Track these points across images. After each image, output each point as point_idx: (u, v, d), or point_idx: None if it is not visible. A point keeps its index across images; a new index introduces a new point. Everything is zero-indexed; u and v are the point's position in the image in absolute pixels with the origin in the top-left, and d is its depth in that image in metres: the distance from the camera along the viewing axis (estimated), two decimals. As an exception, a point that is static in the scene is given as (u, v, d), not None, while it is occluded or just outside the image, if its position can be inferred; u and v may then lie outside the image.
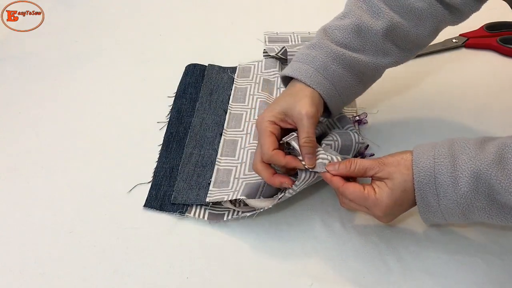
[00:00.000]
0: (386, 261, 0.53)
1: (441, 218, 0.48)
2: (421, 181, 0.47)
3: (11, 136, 0.68)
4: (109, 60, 0.80)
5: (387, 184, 0.48)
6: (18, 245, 0.55)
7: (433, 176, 0.46)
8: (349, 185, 0.50)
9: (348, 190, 0.49)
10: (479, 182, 0.44)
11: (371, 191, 0.49)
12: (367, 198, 0.48)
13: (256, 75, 0.73)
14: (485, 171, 0.44)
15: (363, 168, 0.50)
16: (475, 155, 0.45)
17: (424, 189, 0.47)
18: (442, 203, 0.46)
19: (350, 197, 0.49)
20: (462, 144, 0.46)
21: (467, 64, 0.77)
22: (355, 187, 0.49)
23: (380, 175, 0.49)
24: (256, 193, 0.55)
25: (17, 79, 0.77)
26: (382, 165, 0.49)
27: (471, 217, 0.47)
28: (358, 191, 0.49)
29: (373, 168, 0.49)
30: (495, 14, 0.83)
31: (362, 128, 0.66)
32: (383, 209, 0.48)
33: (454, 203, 0.46)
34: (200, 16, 0.89)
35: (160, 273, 0.52)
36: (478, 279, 0.51)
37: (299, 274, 0.52)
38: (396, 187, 0.48)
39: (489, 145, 0.45)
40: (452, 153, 0.46)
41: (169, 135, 0.66)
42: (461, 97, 0.71)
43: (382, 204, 0.48)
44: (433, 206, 0.47)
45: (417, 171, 0.47)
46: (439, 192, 0.46)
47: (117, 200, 0.59)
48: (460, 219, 0.47)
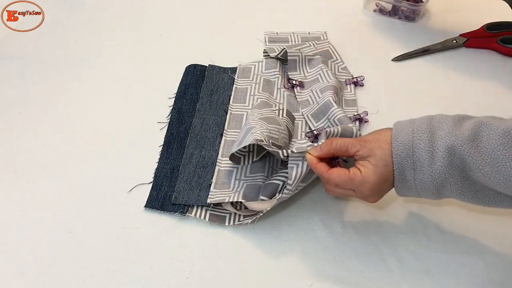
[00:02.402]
0: (386, 261, 0.53)
1: (415, 193, 0.49)
2: (399, 154, 0.47)
3: (11, 136, 0.68)
4: (109, 60, 0.80)
5: (370, 162, 0.49)
6: (18, 245, 0.55)
7: (411, 150, 0.47)
8: (333, 170, 0.50)
9: (333, 174, 0.50)
10: (453, 157, 0.45)
11: (357, 171, 0.49)
12: (353, 179, 0.49)
13: (257, 75, 0.73)
14: (459, 147, 0.44)
15: (344, 146, 0.50)
16: (451, 131, 0.45)
17: (402, 162, 0.47)
18: (417, 177, 0.47)
19: (336, 181, 0.50)
20: (440, 120, 0.47)
21: (467, 64, 0.77)
22: (340, 170, 0.50)
23: (361, 153, 0.49)
24: (257, 195, 0.56)
25: (17, 79, 0.77)
26: (363, 142, 0.50)
27: (444, 193, 0.47)
28: (343, 173, 0.49)
29: (354, 145, 0.50)
30: (495, 14, 0.83)
31: (363, 127, 0.66)
32: (370, 187, 0.49)
33: (429, 178, 0.46)
34: (200, 16, 0.89)
35: (160, 273, 0.52)
36: (478, 279, 0.51)
37: (299, 274, 0.52)
38: (378, 163, 0.48)
39: (466, 122, 0.46)
40: (431, 128, 0.47)
41: (170, 136, 0.66)
42: (461, 97, 0.71)
43: (369, 181, 0.48)
44: (409, 180, 0.48)
45: (396, 145, 0.47)
46: (416, 167, 0.47)
47: (117, 200, 0.59)
48: (433, 195, 0.48)
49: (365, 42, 0.82)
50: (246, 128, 0.59)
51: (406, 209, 0.58)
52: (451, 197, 0.48)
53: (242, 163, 0.61)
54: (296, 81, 0.72)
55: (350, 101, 0.70)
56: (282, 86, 0.71)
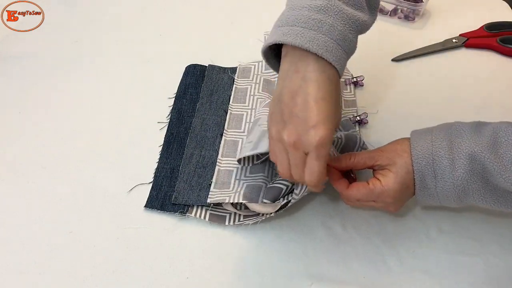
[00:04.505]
0: (386, 261, 0.53)
1: (437, 201, 0.49)
2: (419, 163, 0.47)
3: (11, 136, 0.68)
4: (109, 60, 0.80)
5: (390, 170, 0.48)
6: (18, 245, 0.55)
7: (431, 158, 0.47)
8: (352, 187, 0.50)
9: (353, 191, 0.49)
10: (474, 164, 0.45)
11: (376, 181, 0.49)
12: (373, 190, 0.48)
13: (257, 75, 0.73)
14: (479, 153, 0.45)
15: (363, 159, 0.50)
16: (470, 138, 0.46)
17: (422, 171, 0.47)
18: (439, 185, 0.47)
19: (357, 197, 0.49)
20: (458, 127, 0.48)
21: (467, 64, 0.77)
22: (359, 185, 0.49)
23: (380, 163, 0.49)
24: (257, 195, 0.56)
25: (17, 79, 0.77)
26: (380, 152, 0.50)
27: (466, 200, 0.47)
28: (362, 187, 0.49)
29: (373, 157, 0.50)
30: (495, 14, 0.83)
31: (363, 128, 0.66)
32: (392, 195, 0.48)
33: (451, 186, 0.46)
34: (200, 16, 0.89)
35: (160, 273, 0.52)
36: (478, 279, 0.51)
37: (299, 274, 0.52)
38: (399, 170, 0.48)
39: (484, 129, 0.46)
40: (449, 136, 0.47)
41: (170, 136, 0.66)
42: (461, 97, 0.71)
43: (390, 190, 0.48)
44: (431, 188, 0.48)
45: (416, 154, 0.47)
46: (436, 175, 0.47)
47: (117, 200, 0.59)
48: (454, 202, 0.48)
49: (365, 42, 0.81)
50: (260, 129, 0.58)
51: (407, 209, 0.58)
52: (473, 204, 0.48)
53: (247, 164, 0.60)
54: (296, 81, 0.72)
55: (350, 102, 0.70)
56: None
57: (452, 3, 0.89)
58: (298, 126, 0.42)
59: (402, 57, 0.78)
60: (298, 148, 0.43)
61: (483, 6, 0.88)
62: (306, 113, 0.42)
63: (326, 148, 0.42)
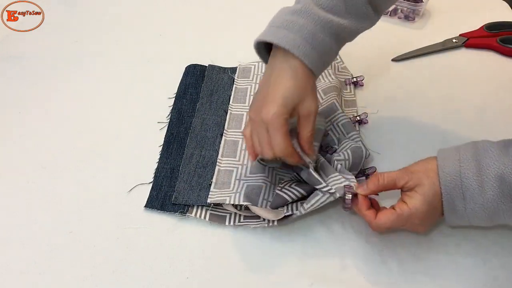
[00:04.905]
0: (386, 261, 0.53)
1: (466, 222, 0.48)
2: (447, 185, 0.46)
3: (11, 136, 0.68)
4: (109, 60, 0.80)
5: (417, 191, 0.48)
6: (18, 245, 0.55)
7: (459, 180, 0.46)
8: (380, 216, 0.49)
9: (381, 220, 0.49)
10: (504, 186, 0.44)
11: (403, 206, 0.48)
12: (401, 215, 0.48)
13: (257, 75, 0.73)
14: (509, 174, 0.44)
15: (392, 180, 0.49)
16: (498, 158, 0.45)
17: (451, 193, 0.47)
18: (468, 207, 0.46)
19: (386, 226, 0.49)
20: (485, 147, 0.47)
21: (467, 64, 0.77)
22: (387, 213, 0.49)
23: (410, 184, 0.48)
24: (258, 195, 0.56)
25: (17, 79, 0.77)
26: (410, 173, 0.49)
27: (496, 220, 0.47)
28: (390, 215, 0.48)
29: (402, 177, 0.49)
30: (495, 14, 0.83)
31: (363, 128, 0.66)
32: (420, 216, 0.48)
33: (480, 207, 0.46)
34: (200, 16, 0.89)
35: (160, 273, 0.52)
36: (478, 280, 0.51)
37: (299, 274, 0.52)
38: (427, 191, 0.47)
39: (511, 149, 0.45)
40: (476, 157, 0.46)
41: (170, 136, 0.66)
42: (461, 97, 0.71)
43: (417, 212, 0.47)
44: (460, 210, 0.47)
45: (443, 175, 0.47)
46: (465, 196, 0.46)
47: (117, 200, 0.59)
48: (485, 222, 0.47)
49: (365, 42, 0.82)
50: None
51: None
52: (503, 223, 0.48)
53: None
54: (296, 81, 0.72)
55: (350, 102, 0.70)
56: None
57: (452, 3, 0.89)
58: (258, 105, 0.49)
59: (402, 57, 0.78)
60: (259, 124, 0.49)
61: (483, 6, 0.88)
62: (266, 94, 0.49)
63: (278, 121, 0.48)
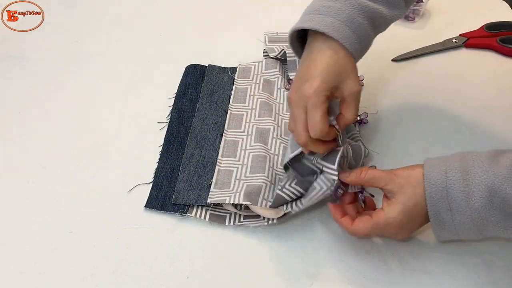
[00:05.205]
0: (386, 261, 0.53)
1: (455, 234, 0.47)
2: (433, 196, 0.46)
3: (11, 136, 0.68)
4: (109, 60, 0.80)
5: (397, 199, 0.47)
6: (18, 245, 0.55)
7: (445, 191, 0.45)
8: (357, 223, 0.49)
9: (358, 227, 0.49)
10: (494, 197, 0.43)
11: (380, 213, 0.48)
12: (377, 223, 0.48)
13: (257, 75, 0.73)
14: (499, 185, 0.43)
15: (374, 178, 0.49)
16: (488, 169, 0.44)
17: (436, 204, 0.46)
18: (456, 218, 0.45)
19: (363, 233, 0.49)
20: (474, 157, 0.45)
21: (467, 64, 0.77)
22: (362, 220, 0.49)
23: (391, 187, 0.48)
24: (257, 196, 0.56)
25: (17, 79, 0.77)
26: (393, 176, 0.48)
27: (485, 232, 0.46)
28: (366, 222, 0.49)
29: (384, 178, 0.48)
30: (495, 14, 0.83)
31: (363, 128, 0.66)
32: (397, 226, 0.48)
33: (468, 218, 0.45)
34: (200, 16, 0.89)
35: (160, 273, 0.52)
36: (478, 279, 0.51)
37: (299, 274, 0.52)
38: (407, 201, 0.47)
39: (502, 158, 0.44)
40: (464, 167, 0.45)
41: (170, 136, 0.66)
42: (461, 97, 0.71)
43: (394, 221, 0.47)
44: (447, 222, 0.46)
45: (429, 186, 0.46)
46: (452, 207, 0.45)
47: (117, 200, 0.59)
48: (474, 235, 0.46)
49: (365, 42, 0.82)
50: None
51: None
52: (493, 235, 0.46)
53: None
54: (296, 81, 0.72)
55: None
56: (282, 87, 0.71)
57: (452, 3, 0.89)
58: (297, 84, 0.49)
59: (402, 57, 0.78)
60: (298, 102, 0.48)
61: (483, 6, 0.88)
62: (306, 72, 0.49)
63: (318, 97, 0.46)
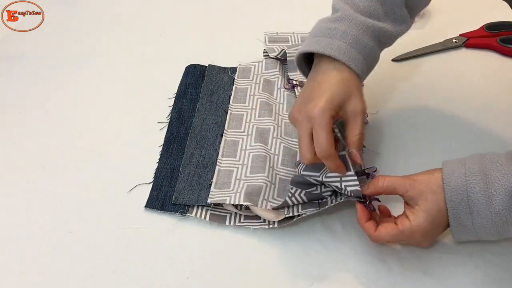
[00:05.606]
0: (386, 261, 0.53)
1: (474, 236, 0.47)
2: (453, 200, 0.45)
3: (11, 136, 0.68)
4: (109, 60, 0.80)
5: (420, 207, 0.47)
6: (18, 245, 0.55)
7: (465, 195, 0.45)
8: (381, 229, 0.49)
9: (382, 234, 0.49)
10: None
11: (405, 221, 0.47)
12: (402, 231, 0.47)
13: (257, 75, 0.73)
14: None
15: (392, 185, 0.49)
16: (508, 172, 0.44)
17: (457, 208, 0.45)
18: (476, 222, 0.45)
19: (386, 239, 0.49)
20: (493, 160, 0.45)
21: (467, 64, 0.77)
22: (387, 227, 0.48)
23: (411, 194, 0.47)
24: (258, 196, 0.56)
25: (17, 79, 0.77)
26: (412, 182, 0.48)
27: (505, 234, 0.46)
28: (391, 229, 0.48)
29: (403, 184, 0.48)
30: (495, 14, 0.83)
31: (362, 128, 0.66)
32: (422, 233, 0.47)
33: (488, 221, 0.45)
34: (200, 16, 0.89)
35: (160, 273, 0.52)
36: (478, 279, 0.51)
37: (299, 274, 0.52)
38: (431, 207, 0.46)
39: None
40: (484, 170, 0.45)
41: (170, 136, 0.66)
42: (461, 97, 0.71)
43: (420, 229, 0.47)
44: (467, 225, 0.46)
45: (449, 190, 0.46)
46: (472, 211, 0.45)
47: (117, 200, 0.59)
48: (493, 236, 0.47)
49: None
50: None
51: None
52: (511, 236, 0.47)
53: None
54: (296, 81, 0.72)
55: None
56: (282, 87, 0.71)
57: (452, 3, 0.89)
58: (302, 103, 0.49)
59: (402, 57, 0.78)
60: (302, 122, 0.48)
61: (483, 6, 0.88)
62: (311, 92, 0.49)
63: (323, 116, 0.47)
